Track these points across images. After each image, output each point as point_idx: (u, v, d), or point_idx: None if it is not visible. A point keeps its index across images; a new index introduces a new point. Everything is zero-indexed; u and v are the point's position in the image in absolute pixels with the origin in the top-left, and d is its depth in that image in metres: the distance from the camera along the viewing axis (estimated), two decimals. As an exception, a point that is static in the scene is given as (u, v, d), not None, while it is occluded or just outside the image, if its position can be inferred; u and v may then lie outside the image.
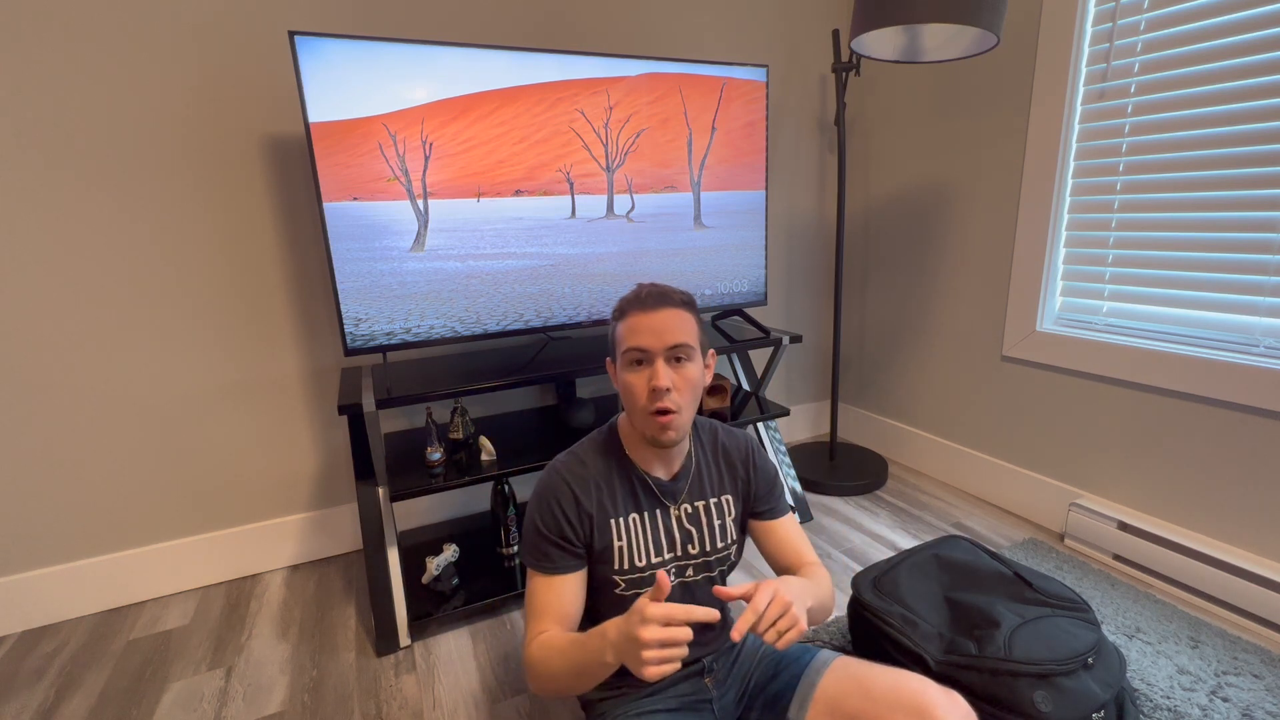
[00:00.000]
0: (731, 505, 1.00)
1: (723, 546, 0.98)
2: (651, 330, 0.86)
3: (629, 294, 0.91)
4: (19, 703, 1.25)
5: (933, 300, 2.04)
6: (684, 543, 0.96)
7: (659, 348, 0.86)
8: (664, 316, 0.87)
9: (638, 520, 0.93)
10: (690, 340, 0.88)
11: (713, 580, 0.99)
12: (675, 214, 1.68)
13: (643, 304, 0.88)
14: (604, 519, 0.91)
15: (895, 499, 1.98)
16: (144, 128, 1.39)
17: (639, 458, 0.95)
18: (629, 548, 0.92)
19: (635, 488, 0.94)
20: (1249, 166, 1.30)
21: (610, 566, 0.92)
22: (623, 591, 0.93)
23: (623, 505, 0.93)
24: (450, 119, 1.38)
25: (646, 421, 0.88)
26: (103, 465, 1.49)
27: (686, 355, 0.88)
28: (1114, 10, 1.46)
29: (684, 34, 1.92)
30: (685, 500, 0.96)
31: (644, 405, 0.87)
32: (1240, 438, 1.35)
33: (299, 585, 1.63)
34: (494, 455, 1.46)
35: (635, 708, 0.90)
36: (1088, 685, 0.97)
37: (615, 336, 0.91)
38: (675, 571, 0.96)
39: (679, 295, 0.90)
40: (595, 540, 0.91)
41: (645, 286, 0.90)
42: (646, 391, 0.86)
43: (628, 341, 0.87)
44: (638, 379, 0.87)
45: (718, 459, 1.01)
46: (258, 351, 1.58)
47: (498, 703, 1.21)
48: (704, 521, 0.97)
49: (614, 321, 0.92)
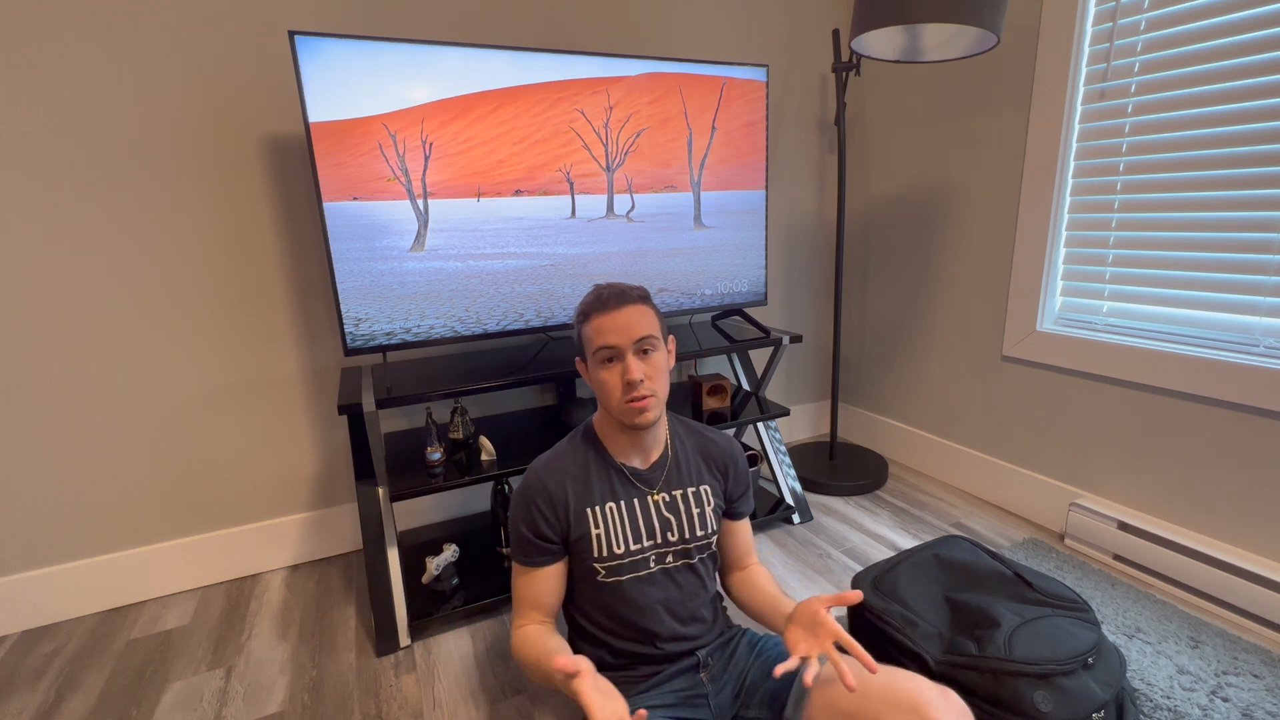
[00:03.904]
0: (710, 495, 1.03)
1: (703, 534, 1.01)
2: (617, 329, 0.91)
3: (589, 297, 0.96)
4: (19, 703, 1.25)
5: (933, 300, 2.04)
6: (663, 530, 0.99)
7: (627, 343, 0.91)
8: (627, 314, 0.92)
9: (614, 508, 0.97)
10: (654, 332, 0.94)
11: (693, 567, 1.01)
12: (675, 214, 1.68)
13: (605, 305, 0.93)
14: (580, 508, 0.95)
15: (895, 499, 1.98)
16: (144, 128, 1.39)
17: (615, 448, 0.99)
18: (606, 535, 0.95)
19: (611, 477, 0.98)
20: (1249, 166, 1.30)
21: (590, 555, 0.95)
22: (604, 579, 0.96)
23: (599, 494, 0.97)
24: (450, 119, 1.38)
25: (624, 410, 0.93)
26: (103, 465, 1.49)
27: (652, 346, 0.94)
28: (1114, 10, 1.46)
29: (684, 34, 1.92)
30: (662, 488, 1.00)
31: (620, 397, 0.92)
32: (1240, 438, 1.35)
33: (299, 585, 1.63)
34: (494, 455, 1.46)
35: (632, 702, 0.92)
36: (1088, 685, 0.97)
37: (583, 338, 0.96)
38: (654, 559, 0.98)
39: (636, 291, 0.95)
40: (572, 530, 0.95)
41: (604, 288, 0.95)
42: (621, 385, 0.92)
43: (597, 341, 0.93)
44: (611, 375, 0.93)
45: (698, 453, 1.06)
46: (258, 351, 1.58)
47: (498, 703, 1.21)
48: (682, 509, 1.00)
49: (579, 324, 0.97)
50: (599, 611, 0.99)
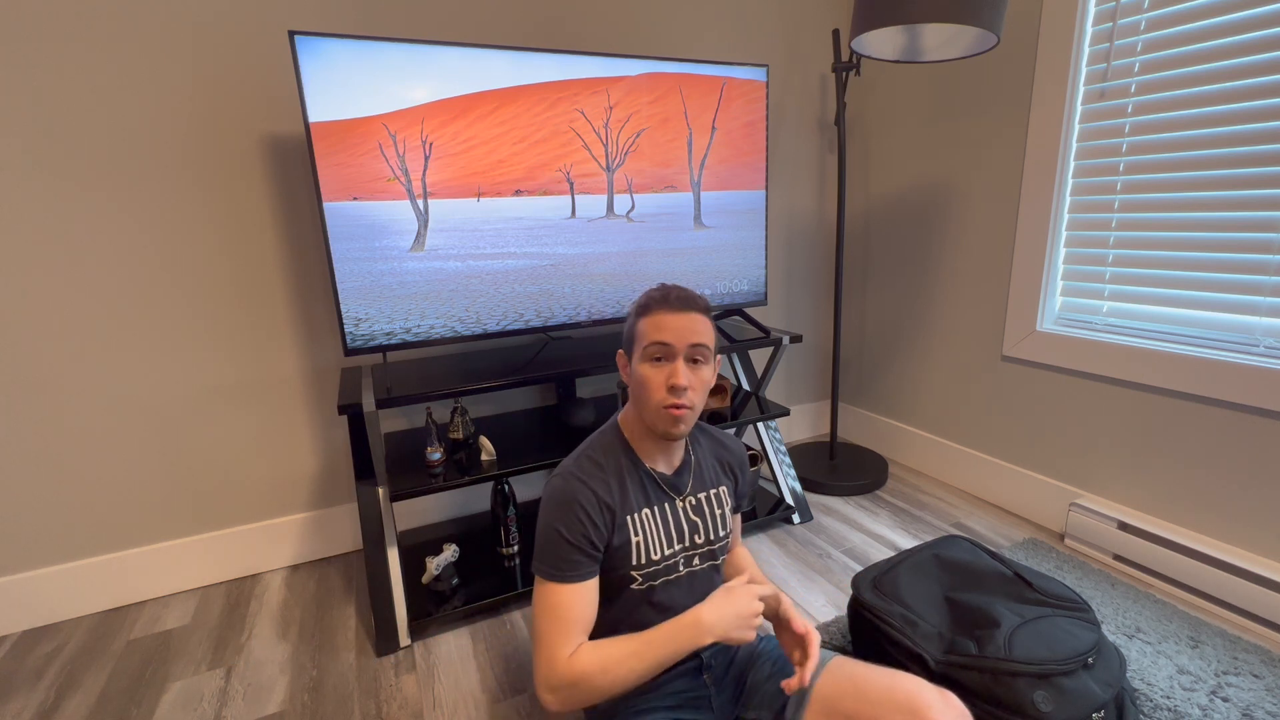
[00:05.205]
0: (727, 496, 1.04)
1: (723, 535, 1.03)
2: (676, 329, 0.89)
3: (655, 291, 0.93)
4: (19, 703, 1.24)
5: (933, 300, 2.04)
6: (691, 533, 0.99)
7: (681, 346, 0.89)
8: (689, 319, 0.90)
9: (650, 515, 0.95)
10: (710, 344, 0.92)
11: (716, 567, 1.03)
12: (675, 214, 1.68)
13: (670, 304, 0.90)
14: (622, 515, 0.93)
15: (895, 499, 1.98)
16: (144, 128, 1.39)
17: (643, 453, 0.97)
18: (645, 542, 0.94)
19: (644, 483, 0.96)
20: (1249, 166, 1.30)
21: (628, 563, 0.92)
22: (639, 586, 0.94)
23: (635, 500, 0.94)
24: (450, 119, 1.38)
25: (658, 415, 0.90)
26: (103, 465, 1.49)
27: (704, 358, 0.91)
28: (1114, 10, 1.46)
29: (684, 34, 1.92)
30: (690, 492, 1.00)
31: (659, 399, 0.89)
32: (1240, 438, 1.35)
33: (299, 585, 1.63)
34: (494, 455, 1.46)
35: (636, 704, 0.92)
36: (1088, 685, 0.97)
37: (635, 331, 0.93)
38: (683, 562, 0.98)
39: (703, 302, 0.93)
40: (614, 537, 0.91)
41: (672, 288, 0.93)
42: (664, 387, 0.89)
43: (651, 336, 0.90)
44: (656, 373, 0.90)
45: (712, 456, 1.06)
46: (258, 351, 1.58)
47: (498, 703, 1.21)
48: (707, 512, 1.01)
49: (635, 317, 0.94)
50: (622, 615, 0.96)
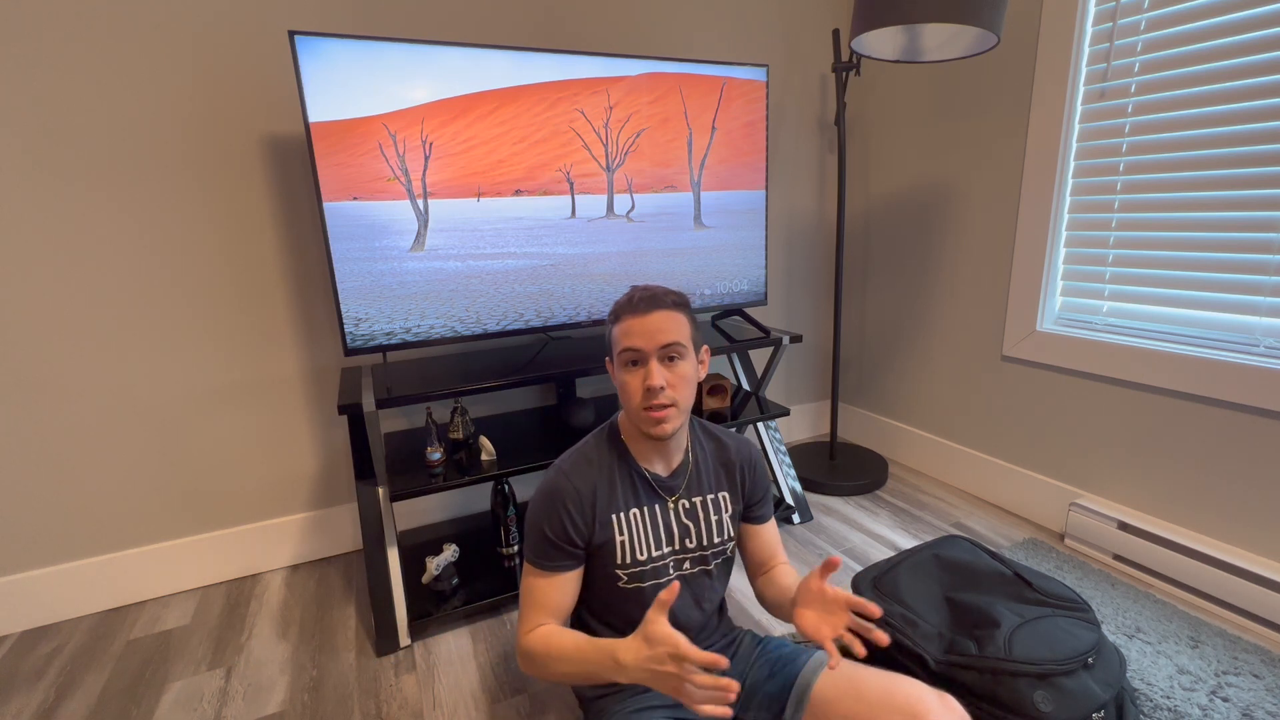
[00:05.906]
0: (728, 503, 1.03)
1: (719, 541, 1.01)
2: (644, 332, 0.89)
3: (622, 298, 0.94)
4: (19, 703, 1.24)
5: (933, 300, 2.04)
6: (682, 536, 0.99)
7: (651, 348, 0.89)
8: (656, 318, 0.90)
9: (638, 514, 0.96)
10: (682, 339, 0.91)
11: (708, 573, 1.01)
12: (675, 214, 1.68)
13: (634, 308, 0.91)
14: (606, 514, 0.94)
15: (895, 499, 1.98)
16: (144, 128, 1.39)
17: (638, 453, 0.98)
18: (630, 541, 0.95)
19: (635, 482, 0.97)
20: (1249, 166, 1.30)
21: (612, 560, 0.94)
22: (624, 585, 0.95)
23: (623, 500, 0.95)
24: (450, 119, 1.38)
25: (642, 418, 0.91)
26: (103, 465, 1.49)
27: (679, 354, 0.91)
28: (1114, 10, 1.46)
29: (684, 34, 1.92)
30: (683, 495, 0.99)
31: (639, 403, 0.91)
32: (1240, 438, 1.35)
33: (299, 585, 1.63)
34: (494, 455, 1.46)
35: (633, 704, 0.92)
36: (1088, 685, 0.97)
37: (610, 339, 0.95)
38: (673, 565, 0.98)
39: (670, 297, 0.93)
40: (596, 535, 0.93)
41: (638, 290, 0.94)
42: (641, 390, 0.90)
43: (622, 343, 0.91)
44: (633, 378, 0.91)
45: (717, 460, 1.04)
46: (258, 351, 1.58)
47: (498, 702, 1.21)
48: (701, 516, 1.00)
49: (609, 325, 0.96)
50: (613, 615, 0.98)
